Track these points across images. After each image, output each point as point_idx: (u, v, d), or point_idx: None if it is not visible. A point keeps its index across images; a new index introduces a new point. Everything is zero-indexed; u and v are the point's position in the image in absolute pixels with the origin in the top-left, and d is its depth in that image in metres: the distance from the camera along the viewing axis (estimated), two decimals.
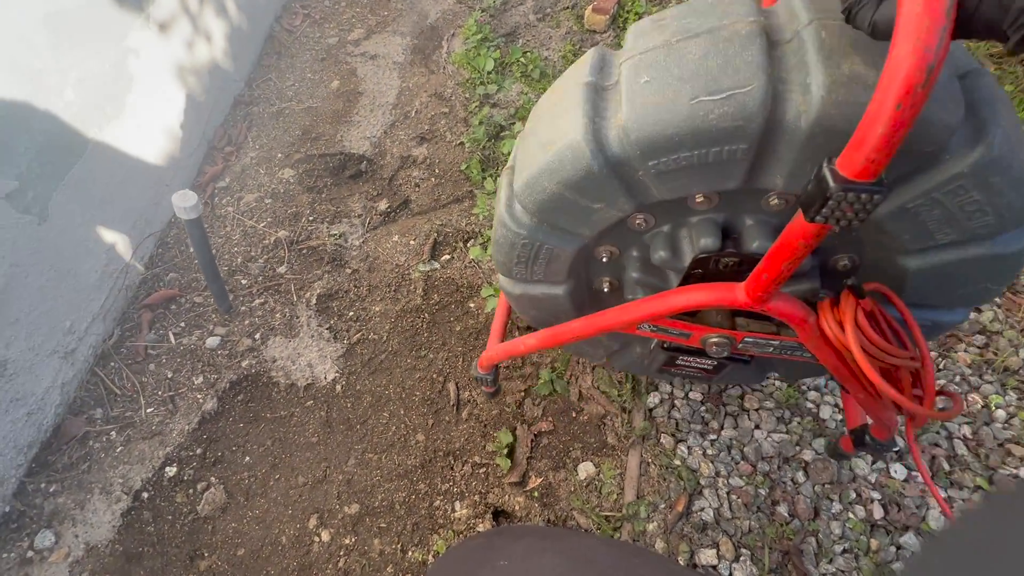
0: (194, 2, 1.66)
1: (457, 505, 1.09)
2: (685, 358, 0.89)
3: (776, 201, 0.65)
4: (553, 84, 0.73)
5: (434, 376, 1.26)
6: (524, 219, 0.73)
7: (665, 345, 0.86)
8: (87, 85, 1.25)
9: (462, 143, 1.79)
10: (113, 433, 1.16)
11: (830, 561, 1.00)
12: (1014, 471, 1.07)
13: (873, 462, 1.11)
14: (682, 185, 0.63)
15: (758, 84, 0.54)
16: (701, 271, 0.70)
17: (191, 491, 1.10)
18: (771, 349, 0.78)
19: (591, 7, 2.06)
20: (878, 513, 1.05)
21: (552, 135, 0.65)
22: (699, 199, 0.66)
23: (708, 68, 0.56)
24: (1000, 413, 1.15)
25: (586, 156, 0.62)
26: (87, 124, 1.25)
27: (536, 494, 1.10)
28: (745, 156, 0.58)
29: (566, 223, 0.71)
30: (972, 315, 1.30)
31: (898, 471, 1.09)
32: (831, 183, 0.46)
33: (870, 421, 0.95)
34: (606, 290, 0.85)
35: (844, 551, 1.01)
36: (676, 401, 1.21)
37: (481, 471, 1.13)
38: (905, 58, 0.38)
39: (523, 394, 1.23)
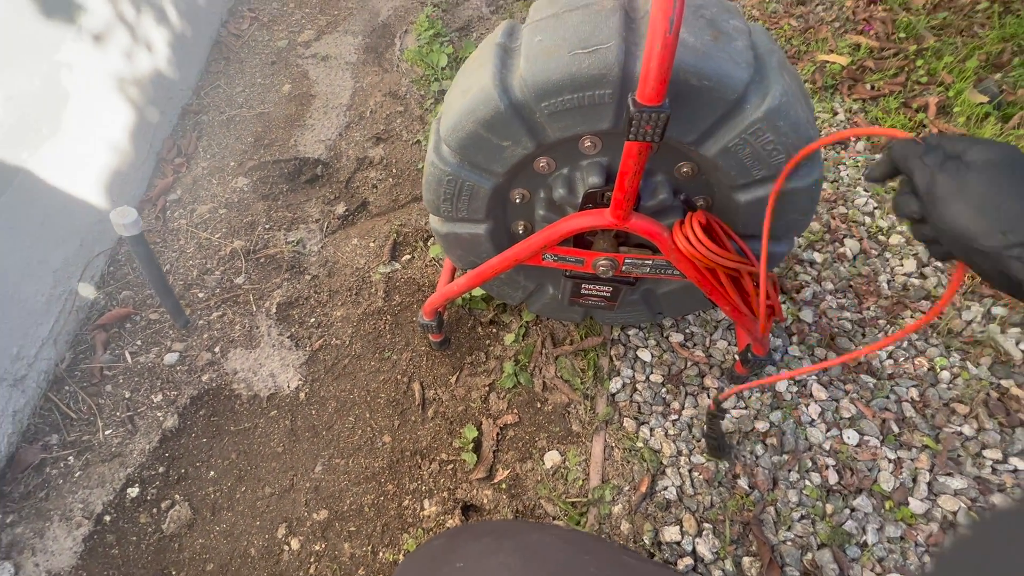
0: (130, 11, 1.61)
1: (426, 503, 1.10)
2: (587, 286, 1.06)
3: None
4: (475, 50, 0.90)
5: (398, 377, 1.27)
6: (449, 158, 0.89)
7: (568, 274, 1.04)
8: (17, 103, 1.21)
9: (418, 141, 1.78)
10: (71, 458, 1.14)
11: (788, 528, 1.03)
12: (958, 428, 1.12)
13: (827, 430, 1.14)
14: (569, 124, 0.79)
15: (615, 43, 0.71)
16: (591, 205, 0.87)
17: (155, 510, 1.08)
18: (647, 269, 0.98)
19: None
20: (833, 479, 1.08)
21: (470, 83, 0.81)
22: (587, 143, 0.83)
23: (583, 31, 0.74)
24: (944, 375, 1.20)
25: (494, 98, 0.77)
26: (20, 144, 1.22)
27: (504, 486, 1.11)
28: (611, 100, 0.74)
29: (482, 160, 0.87)
30: (917, 282, 1.35)
31: (851, 436, 1.13)
32: (632, 108, 0.65)
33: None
34: (521, 232, 1.02)
35: (802, 517, 1.05)
36: (638, 385, 1.23)
37: (448, 468, 1.14)
38: (657, 17, 0.58)
39: (488, 389, 1.24)
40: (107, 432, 1.17)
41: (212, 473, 1.14)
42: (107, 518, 1.07)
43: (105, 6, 1.51)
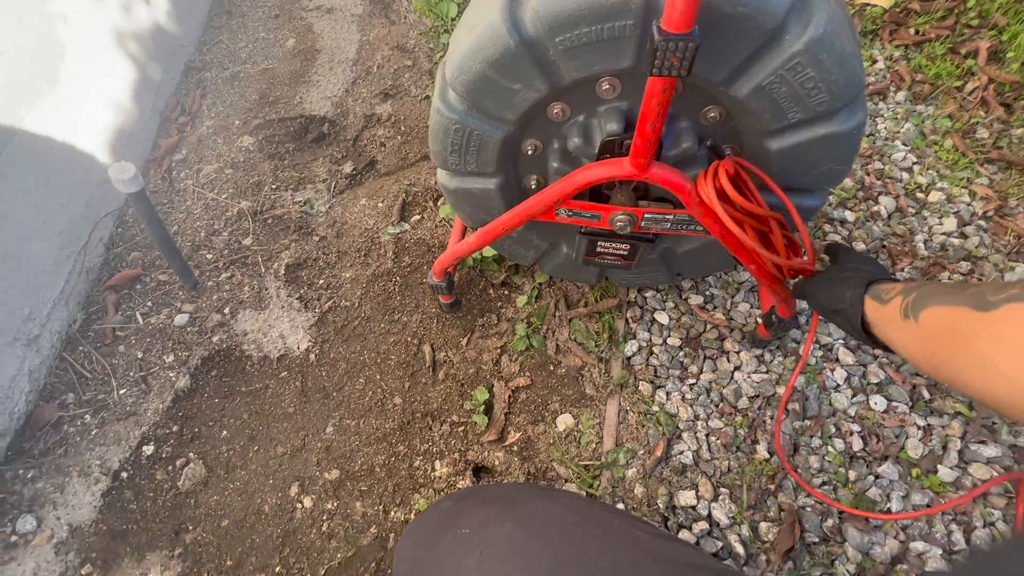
0: None
1: (437, 464, 1.09)
2: (603, 244, 1.01)
3: None
4: None
5: (408, 339, 1.24)
6: (456, 104, 0.83)
7: (583, 230, 0.98)
8: (10, 58, 1.16)
9: (427, 96, 1.71)
10: (87, 416, 1.15)
11: (808, 495, 1.00)
12: None
13: (853, 396, 1.09)
14: (586, 63, 0.72)
15: None
16: (609, 155, 0.81)
17: (170, 468, 1.10)
18: (668, 224, 0.91)
19: None
20: (857, 445, 1.04)
21: (477, 19, 0.74)
22: (605, 86, 0.77)
23: None
24: None
25: (504, 34, 0.70)
26: (18, 100, 1.18)
27: (515, 448, 1.10)
28: (632, 32, 0.67)
29: (491, 106, 0.80)
30: (957, 241, 1.26)
31: (878, 403, 1.08)
32: (657, 37, 0.58)
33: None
34: (533, 187, 0.96)
35: (823, 483, 1.01)
36: (654, 348, 1.19)
37: (460, 429, 1.13)
38: None
39: (499, 351, 1.22)
40: (121, 392, 1.18)
41: (225, 432, 1.14)
42: (124, 474, 1.08)
43: None
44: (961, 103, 1.48)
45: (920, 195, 1.35)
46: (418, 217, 1.45)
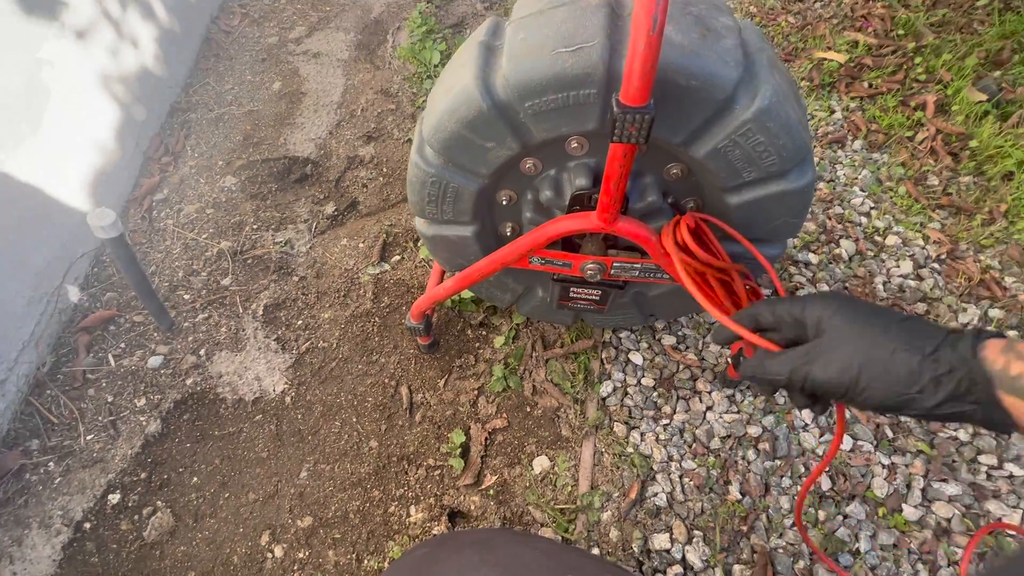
0: (116, 7, 1.58)
1: (412, 509, 1.08)
2: (575, 290, 1.05)
3: None
4: (459, 47, 0.87)
5: (386, 380, 1.25)
6: (432, 159, 0.86)
7: (556, 277, 1.02)
8: None
9: (410, 139, 1.76)
10: (51, 464, 1.12)
11: (780, 535, 1.02)
12: (952, 433, 1.10)
13: (820, 435, 1.13)
14: (554, 125, 0.77)
15: (599, 41, 0.69)
16: (578, 207, 0.85)
17: (136, 517, 1.07)
18: (636, 272, 0.96)
19: None
20: (826, 485, 1.07)
21: (452, 82, 0.79)
22: (574, 144, 0.81)
23: (567, 29, 0.71)
24: None
25: (477, 98, 0.75)
26: (0, 144, 1.19)
27: (491, 492, 1.09)
28: (596, 100, 0.72)
29: (466, 161, 0.84)
30: (913, 283, 1.33)
31: (844, 442, 1.11)
32: (616, 109, 0.63)
33: None
34: (509, 234, 1.00)
35: (793, 524, 1.03)
36: (629, 388, 1.21)
37: (436, 473, 1.12)
38: (640, 15, 0.55)
39: (477, 392, 1.22)
40: (89, 437, 1.15)
41: (195, 479, 1.12)
42: (87, 525, 1.05)
43: (89, 2, 1.48)
44: (913, 152, 1.58)
45: (878, 238, 1.42)
46: (398, 258, 1.47)
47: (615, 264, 0.94)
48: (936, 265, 1.35)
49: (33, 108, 1.29)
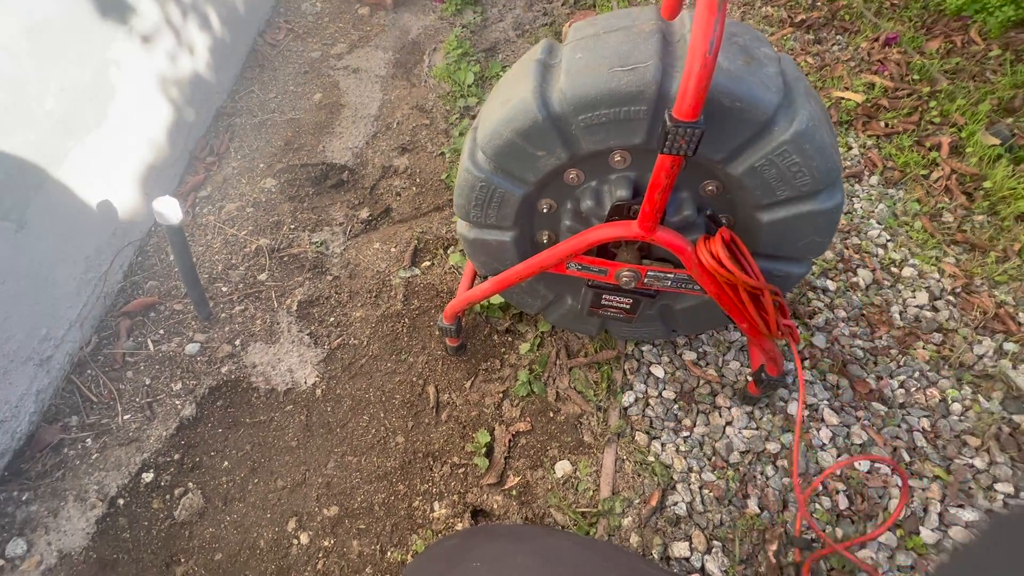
0: (177, 16, 1.69)
1: (436, 505, 1.10)
2: (607, 297, 1.08)
3: None
4: (513, 66, 0.95)
5: (414, 379, 1.28)
6: (484, 164, 0.92)
7: (590, 283, 1.06)
8: (68, 95, 1.26)
9: (443, 153, 1.83)
10: (89, 440, 1.15)
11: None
12: (969, 460, 1.12)
13: (838, 455, 1.15)
14: (603, 138, 0.83)
15: (653, 63, 0.76)
16: (617, 217, 0.90)
17: (168, 497, 1.09)
18: (668, 283, 1.00)
19: (568, 23, 2.14)
20: (843, 503, 1.09)
21: (510, 94, 0.86)
22: (617, 158, 0.86)
23: (622, 50, 0.78)
24: (956, 407, 1.20)
25: (533, 109, 0.81)
26: (68, 133, 1.27)
27: (514, 493, 1.12)
28: (645, 116, 0.78)
29: (516, 168, 0.90)
30: (929, 314, 1.36)
31: (862, 463, 1.13)
32: (669, 123, 0.68)
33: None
34: (545, 242, 1.05)
35: (812, 541, 1.04)
36: (650, 400, 1.24)
37: (460, 471, 1.15)
38: (698, 39, 0.62)
39: (502, 395, 1.26)
40: (126, 417, 1.19)
41: (226, 463, 1.15)
42: (121, 501, 1.08)
43: (155, 9, 1.58)
44: (928, 189, 1.64)
45: (894, 269, 1.46)
46: (428, 263, 1.53)
47: (649, 273, 0.98)
48: (951, 297, 1.39)
49: (99, 103, 1.37)
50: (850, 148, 1.78)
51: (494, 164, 0.91)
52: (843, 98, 1.90)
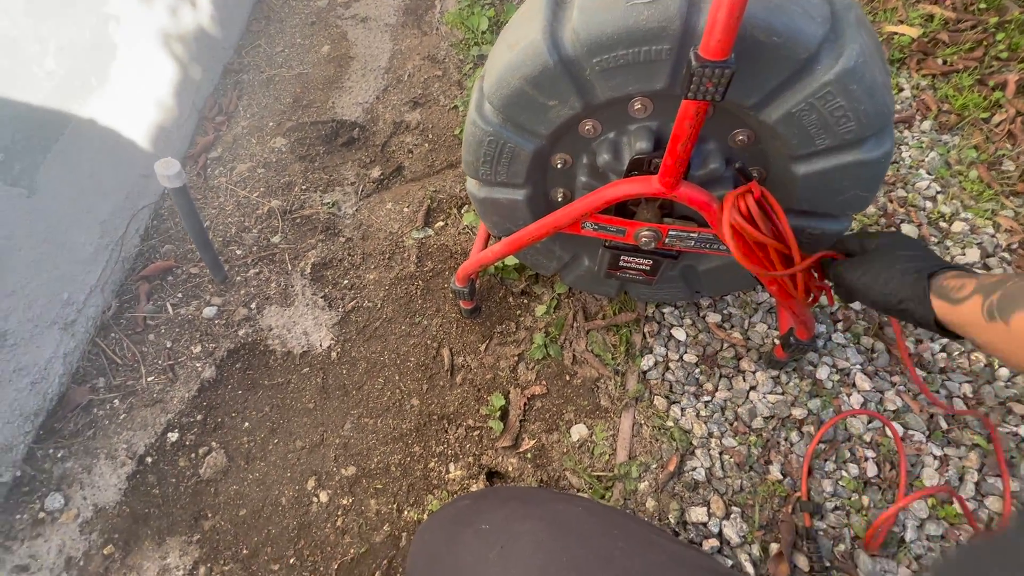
0: None
1: (451, 467, 1.11)
2: (626, 258, 1.03)
3: None
4: (524, 3, 0.85)
5: (428, 342, 1.27)
6: (492, 117, 0.85)
7: (607, 244, 1.01)
8: (68, 54, 1.23)
9: (456, 107, 1.75)
10: (116, 401, 1.19)
11: (821, 518, 1.00)
12: (1014, 428, 1.06)
13: (869, 422, 1.09)
14: (621, 83, 0.75)
15: None
16: (637, 172, 0.83)
17: (193, 455, 1.13)
18: (692, 243, 0.93)
19: None
20: (872, 471, 1.04)
21: (517, 37, 0.77)
22: (637, 106, 0.78)
23: None
24: (1003, 372, 1.12)
25: (543, 52, 0.73)
26: (71, 94, 1.24)
27: (529, 455, 1.11)
28: (668, 56, 0.69)
29: (526, 120, 0.83)
30: (980, 272, 1.26)
31: (896, 431, 1.08)
32: (694, 63, 0.60)
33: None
34: (560, 200, 0.99)
35: (835, 508, 1.01)
36: (670, 364, 1.20)
37: (475, 434, 1.14)
38: None
39: (517, 359, 1.23)
40: (149, 379, 1.22)
41: (246, 424, 1.17)
42: (149, 459, 1.12)
43: None
44: (988, 135, 1.48)
45: (943, 224, 1.35)
46: (442, 223, 1.48)
47: (671, 232, 0.92)
48: (1006, 254, 1.28)
49: (100, 62, 1.33)
50: (901, 90, 1.62)
51: (502, 116, 0.84)
52: (896, 33, 1.71)
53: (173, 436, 1.14)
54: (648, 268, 1.03)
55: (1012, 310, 0.56)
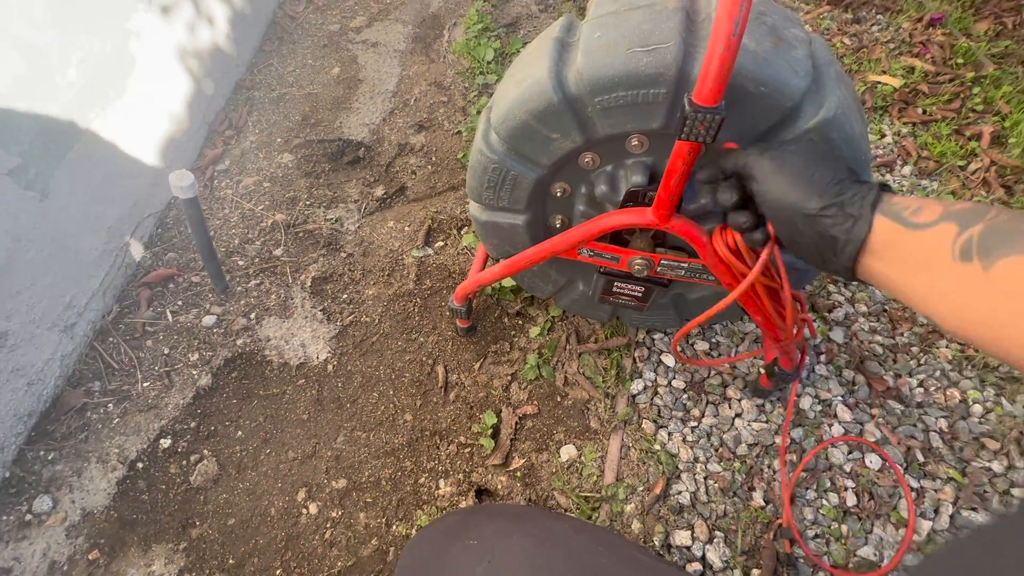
0: None
1: (441, 483, 1.12)
2: (619, 284, 1.07)
3: None
4: (530, 43, 0.91)
5: (423, 359, 1.29)
6: (497, 146, 0.90)
7: (602, 270, 1.04)
8: (89, 66, 1.27)
9: (459, 132, 1.81)
10: (110, 405, 1.19)
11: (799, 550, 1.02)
12: (987, 464, 1.09)
13: (849, 452, 1.13)
14: (619, 121, 0.80)
15: (675, 43, 0.71)
16: (632, 203, 0.88)
17: (184, 462, 1.13)
18: (682, 272, 0.97)
19: None
20: (851, 501, 1.07)
21: (525, 74, 0.82)
22: (634, 142, 0.83)
23: (643, 29, 0.74)
24: (977, 408, 1.17)
25: (548, 90, 0.78)
26: (89, 104, 1.28)
27: (519, 474, 1.13)
28: (664, 99, 0.75)
29: (529, 151, 0.88)
30: None
31: (873, 461, 1.11)
32: (687, 108, 0.65)
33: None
34: (558, 226, 1.03)
35: (815, 536, 1.04)
36: (659, 388, 1.23)
37: (466, 451, 1.16)
38: (722, 18, 0.58)
39: (510, 378, 1.26)
40: (145, 384, 1.23)
41: (240, 433, 1.18)
42: (140, 465, 1.12)
43: None
44: (964, 181, 1.57)
45: None
46: (441, 243, 1.52)
47: (662, 261, 0.96)
48: None
49: (119, 74, 1.38)
50: (883, 136, 1.70)
51: (507, 146, 0.89)
52: (879, 82, 1.81)
53: (166, 442, 1.15)
54: (640, 295, 1.08)
55: (1000, 252, 0.41)
